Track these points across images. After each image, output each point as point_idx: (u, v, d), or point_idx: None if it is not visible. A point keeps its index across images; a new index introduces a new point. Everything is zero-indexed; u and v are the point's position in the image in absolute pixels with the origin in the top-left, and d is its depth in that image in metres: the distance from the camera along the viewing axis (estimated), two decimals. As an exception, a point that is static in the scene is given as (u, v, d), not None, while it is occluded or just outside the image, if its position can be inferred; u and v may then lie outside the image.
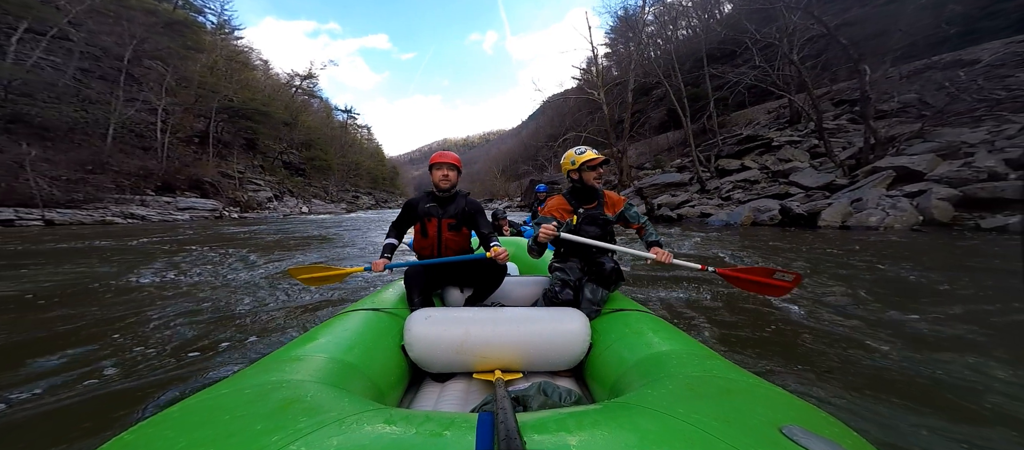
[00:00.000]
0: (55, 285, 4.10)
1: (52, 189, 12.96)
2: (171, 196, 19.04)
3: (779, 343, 2.40)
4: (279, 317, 3.09)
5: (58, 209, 12.81)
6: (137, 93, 21.15)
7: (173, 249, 7.15)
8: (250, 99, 31.90)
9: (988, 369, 1.95)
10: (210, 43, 30.90)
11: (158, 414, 0.77)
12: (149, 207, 16.80)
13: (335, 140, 50.17)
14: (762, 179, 15.47)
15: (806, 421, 0.74)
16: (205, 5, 34.31)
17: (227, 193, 22.93)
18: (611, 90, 28.41)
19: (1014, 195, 7.09)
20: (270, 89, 40.03)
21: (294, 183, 35.56)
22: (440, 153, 2.12)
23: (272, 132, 34.15)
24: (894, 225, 7.78)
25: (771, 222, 9.82)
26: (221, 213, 20.27)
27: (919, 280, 3.85)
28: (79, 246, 7.48)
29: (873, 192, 9.17)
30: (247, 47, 40.03)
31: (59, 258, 5.84)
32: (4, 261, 5.44)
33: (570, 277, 1.92)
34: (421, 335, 1.44)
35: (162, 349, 2.41)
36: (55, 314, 3.08)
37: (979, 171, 7.99)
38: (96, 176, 15.35)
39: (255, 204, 25.40)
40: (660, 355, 1.21)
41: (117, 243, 7.99)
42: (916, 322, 2.67)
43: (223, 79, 29.99)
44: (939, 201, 7.72)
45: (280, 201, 29.65)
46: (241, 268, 5.32)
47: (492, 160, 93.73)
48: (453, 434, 0.67)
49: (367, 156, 63.51)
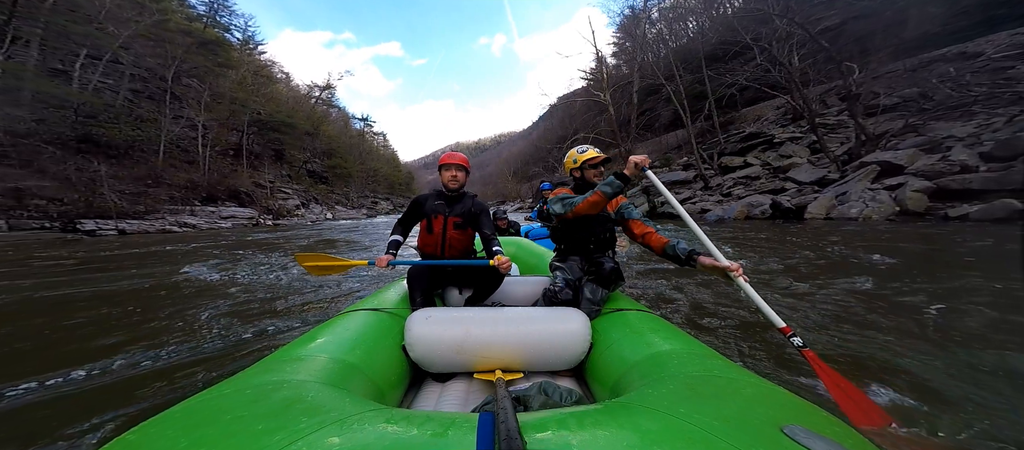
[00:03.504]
0: (143, 283, 4.71)
1: (121, 202, 14.75)
2: (214, 206, 20.88)
3: (776, 343, 2.36)
4: (315, 306, 3.50)
5: (127, 220, 14.58)
6: (180, 110, 23.22)
7: (223, 252, 7.99)
8: (276, 111, 33.97)
9: (964, 359, 2.00)
10: (237, 59, 33.13)
11: (160, 414, 0.79)
12: (198, 216, 18.58)
13: (354, 148, 52.34)
14: (763, 175, 16.17)
15: (807, 421, 0.75)
16: (231, 22, 36.74)
17: (261, 202, 24.77)
18: (617, 91, 29.19)
19: (981, 186, 7.83)
20: (293, 101, 42.22)
21: (318, 191, 37.50)
22: (449, 154, 2.18)
23: (297, 142, 36.23)
24: (872, 216, 8.59)
25: (762, 216, 10.68)
26: (257, 220, 22.00)
27: (879, 265, 4.34)
28: (153, 250, 8.28)
29: (857, 186, 9.95)
30: (270, 61, 42.49)
31: (139, 260, 6.75)
32: (99, 264, 6.28)
33: (571, 276, 1.95)
34: (422, 335, 1.46)
35: (222, 332, 2.79)
36: (143, 307, 3.58)
37: (953, 165, 8.73)
38: (153, 189, 17.20)
39: (285, 212, 27.18)
40: (661, 355, 1.22)
41: (179, 248, 8.89)
42: (870, 308, 2.83)
43: (251, 93, 32.14)
44: (914, 193, 8.49)
45: (307, 208, 31.45)
46: (284, 265, 6.14)
47: (504, 162, 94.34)
48: (454, 434, 0.68)
49: (384, 163, 65.72)
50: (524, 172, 60.76)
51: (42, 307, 3.63)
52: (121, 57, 20.48)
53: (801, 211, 9.91)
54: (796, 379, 1.91)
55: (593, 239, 2.00)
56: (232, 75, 30.72)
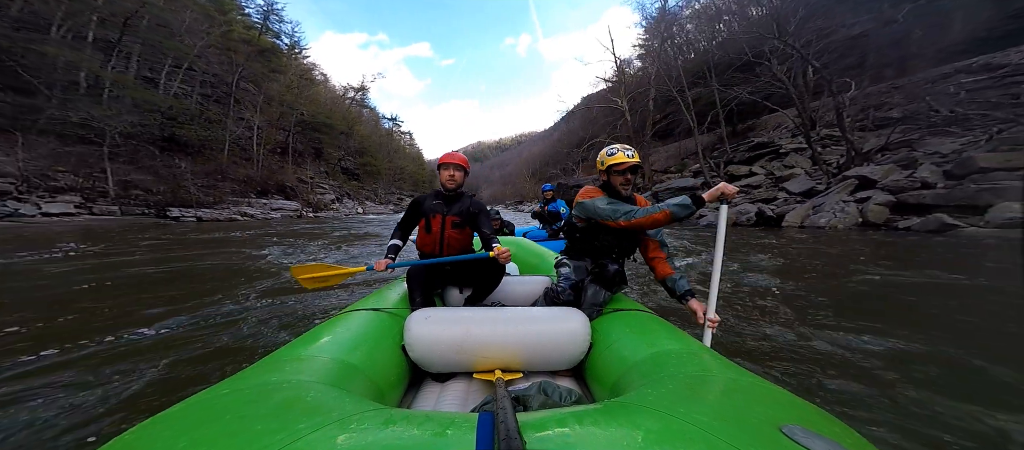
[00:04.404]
0: (225, 260, 6.28)
1: (198, 193, 17.55)
2: (266, 198, 23.75)
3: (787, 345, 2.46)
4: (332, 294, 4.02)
5: (203, 209, 17.35)
6: (240, 112, 26.34)
7: (278, 239, 9.93)
8: (317, 113, 37.12)
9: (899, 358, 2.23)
10: (285, 64, 36.47)
11: (159, 413, 0.79)
12: (254, 207, 21.38)
13: (383, 147, 55.54)
14: (764, 184, 17.18)
15: (806, 420, 0.76)
16: (280, 29, 40.25)
17: (303, 196, 27.63)
18: (638, 96, 30.28)
19: (932, 202, 8.96)
20: (330, 102, 45.55)
21: (351, 187, 40.52)
22: (448, 154, 2.21)
23: (334, 142, 39.39)
24: (838, 226, 9.83)
25: (747, 223, 11.98)
26: (301, 213, 24.75)
27: (830, 267, 5.22)
28: (225, 236, 10.56)
29: (835, 198, 11.11)
30: (312, 64, 45.98)
31: (217, 243, 8.56)
32: (188, 245, 8.26)
33: (576, 277, 1.94)
34: (421, 335, 1.47)
35: (282, 300, 3.64)
36: (224, 278, 4.76)
37: (915, 181, 9.82)
38: (220, 183, 20.07)
39: (323, 205, 30.05)
40: (661, 355, 1.23)
41: (243, 234, 11.15)
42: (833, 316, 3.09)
43: (297, 96, 35.36)
44: (876, 205, 9.66)
45: (341, 203, 34.35)
46: (333, 250, 8.13)
47: (523, 163, 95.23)
48: (454, 434, 0.69)
49: (409, 161, 68.90)
50: (542, 173, 62.24)
51: (151, 276, 4.88)
52: (195, 65, 23.67)
53: (780, 219, 11.17)
54: (795, 379, 1.92)
55: (617, 247, 1.97)
56: (282, 79, 34.01)
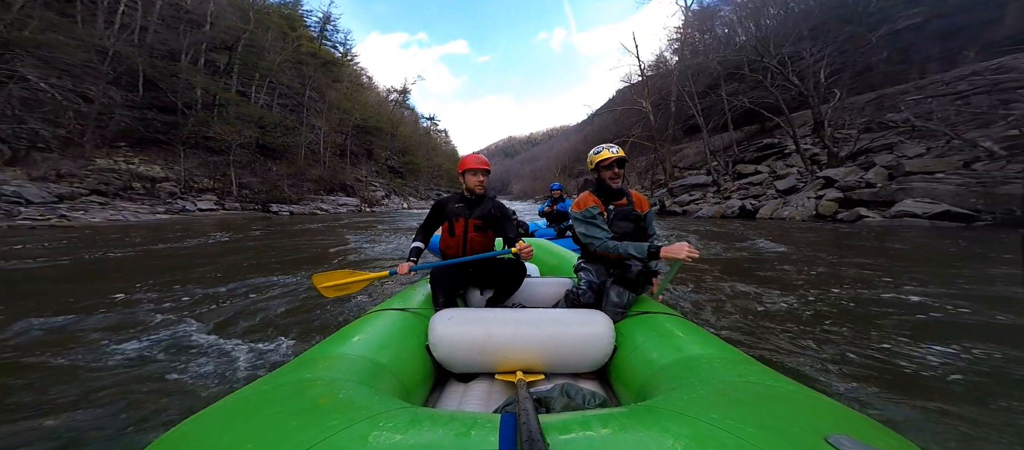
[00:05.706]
0: (320, 241, 9.79)
1: (289, 192, 22.22)
2: (334, 195, 28.47)
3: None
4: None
5: (292, 205, 21.99)
6: (310, 119, 31.31)
7: (349, 229, 12.58)
8: (368, 117, 42.02)
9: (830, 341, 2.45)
10: (342, 73, 41.55)
11: (205, 409, 0.85)
12: (326, 203, 26.02)
13: (422, 145, 60.29)
14: (765, 182, 19.20)
15: (854, 430, 0.72)
16: (335, 39, 45.40)
17: (361, 192, 32.29)
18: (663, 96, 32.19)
19: (869, 198, 11.16)
20: (376, 105, 50.56)
21: (396, 184, 45.30)
22: (472, 157, 2.20)
23: (382, 143, 44.22)
24: (795, 217, 12.20)
25: (731, 215, 14.44)
26: (360, 208, 29.30)
27: (769, 252, 8.77)
28: (313, 226, 13.53)
29: (803, 194, 13.36)
30: (361, 69, 51.20)
31: (312, 232, 11.87)
32: (290, 232, 12.32)
33: (595, 280, 1.94)
34: (445, 335, 1.49)
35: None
36: (318, 255, 8.51)
37: (862, 180, 11.96)
38: (301, 183, 24.78)
39: (376, 201, 34.71)
40: (690, 359, 1.20)
41: (324, 225, 14.66)
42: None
43: (353, 103, 40.34)
44: (828, 201, 11.93)
45: (389, 199, 39.05)
46: (394, 235, 11.84)
47: (554, 158, 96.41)
48: (477, 434, 0.70)
49: (446, 158, 73.64)
50: (571, 168, 64.67)
51: (267, 252, 7.55)
52: (275, 79, 28.70)
53: (756, 212, 13.56)
54: (843, 388, 1.85)
55: None
56: (340, 87, 39.04)
